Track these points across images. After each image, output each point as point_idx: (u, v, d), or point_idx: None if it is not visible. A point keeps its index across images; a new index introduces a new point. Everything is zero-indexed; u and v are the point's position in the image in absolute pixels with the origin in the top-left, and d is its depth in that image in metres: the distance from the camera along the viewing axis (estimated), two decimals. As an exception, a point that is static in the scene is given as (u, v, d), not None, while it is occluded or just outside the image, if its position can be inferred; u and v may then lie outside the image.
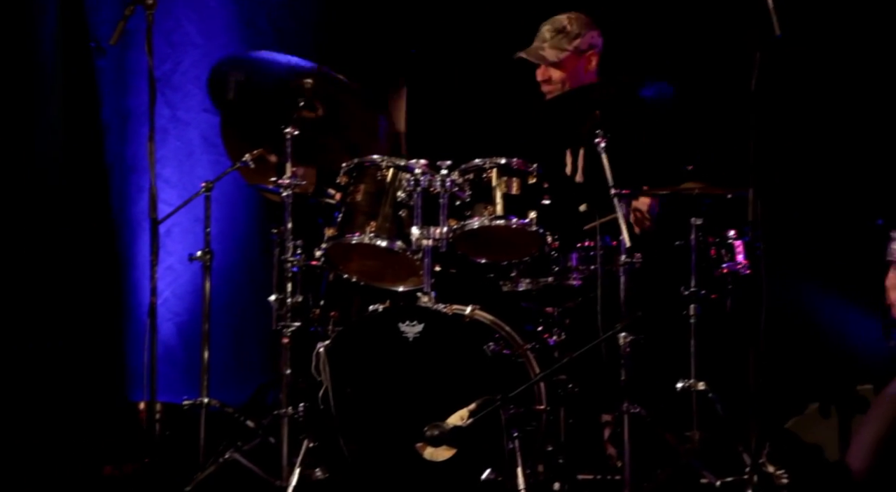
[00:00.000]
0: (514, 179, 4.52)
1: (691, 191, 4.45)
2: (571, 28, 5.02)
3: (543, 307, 4.74)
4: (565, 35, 5.02)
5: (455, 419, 4.17)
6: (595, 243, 4.53)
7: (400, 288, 4.72)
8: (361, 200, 4.60)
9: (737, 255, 4.58)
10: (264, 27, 6.14)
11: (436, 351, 4.36)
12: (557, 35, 5.01)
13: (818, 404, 4.67)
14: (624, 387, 4.36)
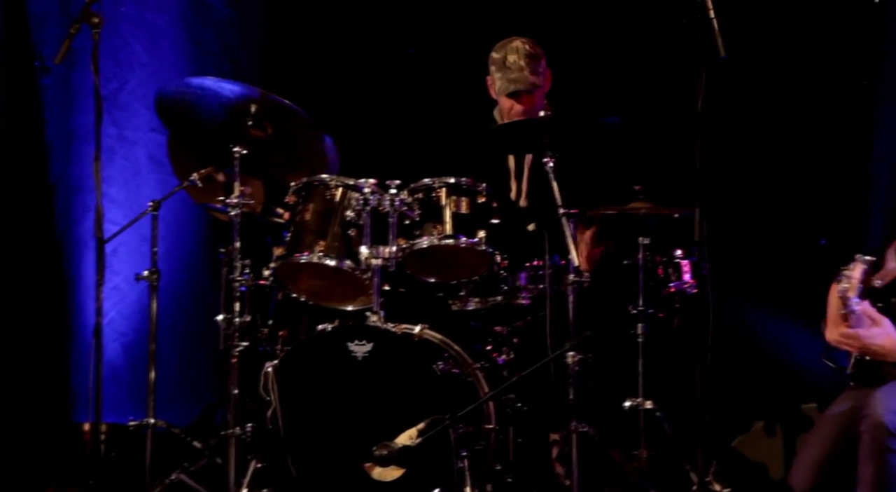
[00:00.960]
0: (464, 199, 4.54)
1: (638, 211, 4.50)
2: (536, 51, 5.05)
3: (492, 326, 4.75)
4: (536, 59, 5.04)
5: (404, 439, 4.17)
6: (544, 263, 4.55)
7: (349, 307, 4.72)
8: (310, 219, 4.59)
9: (683, 274, 4.63)
10: (213, 47, 6.13)
11: (385, 370, 4.36)
12: (532, 61, 5.02)
13: (763, 423, 4.72)
14: (572, 406, 4.38)
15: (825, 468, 3.77)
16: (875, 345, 3.60)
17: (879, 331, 3.57)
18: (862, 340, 3.59)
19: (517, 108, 5.04)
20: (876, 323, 3.56)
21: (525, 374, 4.36)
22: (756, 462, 4.79)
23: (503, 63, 5.02)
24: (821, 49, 5.53)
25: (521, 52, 5.02)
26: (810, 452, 3.86)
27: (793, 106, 5.51)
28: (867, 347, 3.62)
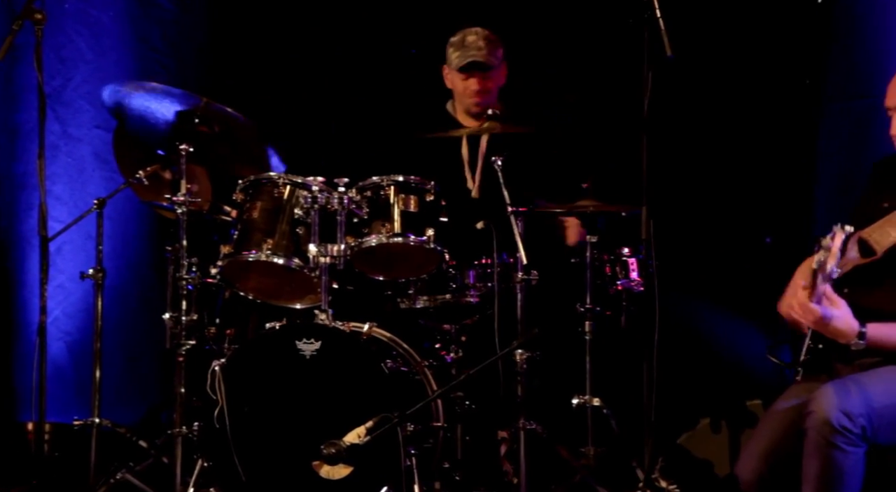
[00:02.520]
0: (412, 197, 4.54)
1: (586, 208, 4.52)
2: (494, 38, 5.08)
3: (441, 324, 4.76)
4: (493, 44, 5.06)
5: (352, 437, 4.17)
6: (492, 261, 4.56)
7: (297, 306, 4.71)
8: (258, 217, 4.57)
9: (631, 272, 4.66)
10: (158, 44, 6.08)
11: (333, 369, 4.35)
12: (490, 44, 5.05)
13: (709, 419, 4.76)
14: (520, 403, 4.39)
15: (772, 460, 3.80)
16: (832, 325, 3.60)
17: (838, 313, 3.59)
18: (821, 317, 3.59)
19: (472, 86, 5.04)
20: (835, 305, 3.59)
21: (473, 372, 4.36)
22: (702, 459, 4.83)
23: (462, 43, 5.05)
24: (766, 49, 5.58)
25: (481, 34, 5.06)
26: (757, 443, 3.88)
27: (739, 105, 5.55)
28: (824, 324, 3.61)
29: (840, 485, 3.62)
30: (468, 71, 5.05)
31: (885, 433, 3.66)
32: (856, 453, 3.62)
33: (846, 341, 3.66)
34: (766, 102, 5.52)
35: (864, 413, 3.61)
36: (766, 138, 5.47)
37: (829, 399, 3.62)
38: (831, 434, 3.59)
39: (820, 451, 3.61)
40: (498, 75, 5.10)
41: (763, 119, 5.51)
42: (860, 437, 3.61)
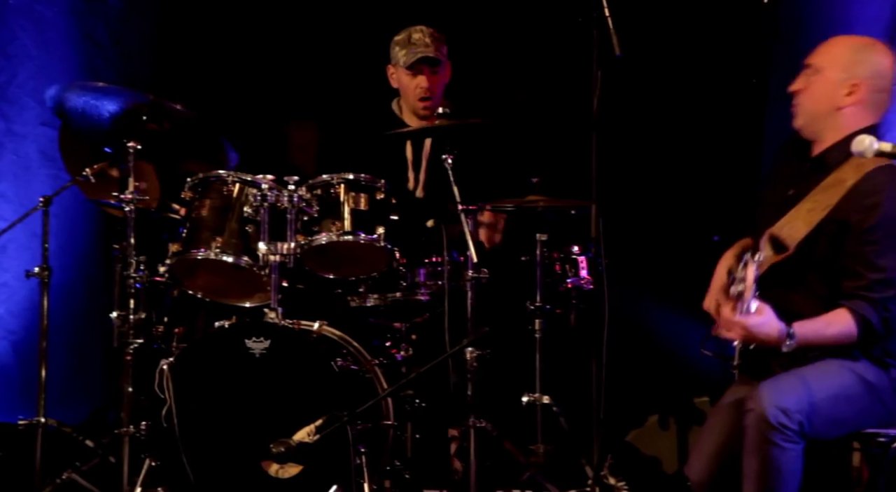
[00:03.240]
0: (362, 195, 4.53)
1: (536, 204, 4.53)
2: (438, 35, 5.08)
3: (391, 323, 4.76)
4: (439, 41, 5.07)
5: (302, 436, 4.16)
6: (442, 259, 4.57)
7: (246, 304, 4.68)
8: (207, 215, 4.55)
9: (580, 270, 4.68)
10: (103, 40, 6.03)
11: (283, 367, 4.33)
12: (436, 41, 5.06)
13: (657, 416, 4.79)
14: (470, 402, 4.40)
15: (721, 460, 3.82)
16: (761, 334, 3.63)
17: (763, 319, 3.60)
18: (749, 329, 3.62)
19: (421, 83, 5.04)
20: (758, 312, 3.60)
21: (423, 370, 4.37)
22: (650, 456, 4.86)
23: (408, 40, 5.05)
24: (713, 48, 5.63)
25: (426, 32, 5.07)
26: (705, 444, 3.90)
27: (687, 104, 5.60)
28: (752, 335, 3.64)
29: (779, 482, 3.65)
30: (417, 68, 5.05)
31: (824, 428, 3.70)
32: (794, 450, 3.64)
33: (777, 345, 3.66)
34: (713, 101, 5.56)
35: (801, 409, 3.64)
36: (714, 137, 5.51)
37: (766, 396, 3.64)
38: (769, 431, 3.61)
39: (758, 448, 3.64)
40: (444, 73, 5.11)
41: (711, 118, 5.56)
42: (798, 433, 3.63)
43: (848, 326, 3.68)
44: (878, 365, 3.79)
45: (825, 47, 3.90)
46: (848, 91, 3.82)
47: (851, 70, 3.82)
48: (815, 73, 3.86)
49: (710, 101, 5.56)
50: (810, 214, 3.77)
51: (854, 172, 3.76)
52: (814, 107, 3.86)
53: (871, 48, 3.87)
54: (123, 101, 4.64)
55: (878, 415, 3.81)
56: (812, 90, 3.85)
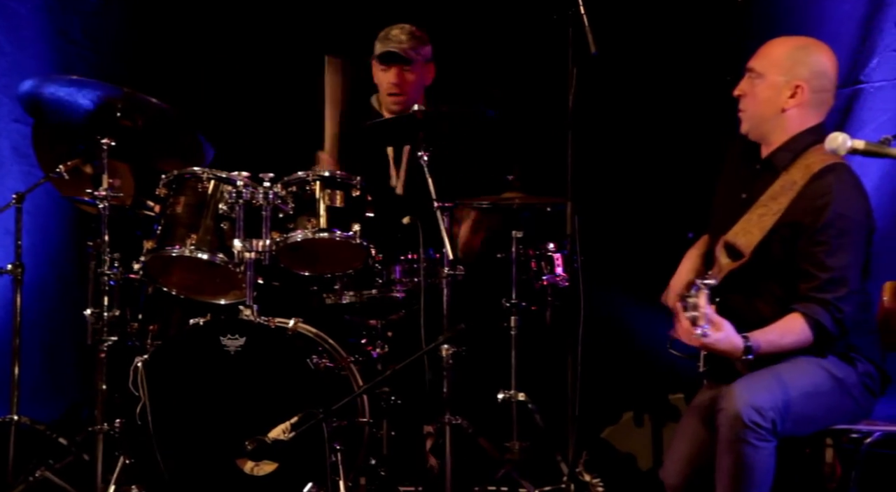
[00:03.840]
0: (338, 192, 4.53)
1: (512, 201, 4.53)
2: (420, 34, 5.08)
3: (367, 320, 4.76)
4: (418, 40, 5.07)
5: (277, 433, 4.16)
6: (418, 256, 4.57)
7: (221, 301, 4.68)
8: (182, 212, 4.54)
9: (556, 267, 4.69)
10: (77, 37, 6.00)
11: (258, 365, 4.33)
12: (412, 39, 5.05)
13: (632, 413, 4.80)
14: (446, 399, 4.40)
15: (695, 462, 3.84)
16: (719, 350, 3.66)
17: (721, 336, 3.61)
18: (707, 346, 3.65)
19: (390, 78, 5.04)
20: (716, 327, 3.61)
21: (399, 367, 4.37)
22: (625, 452, 4.87)
23: (386, 36, 5.06)
24: (687, 46, 5.65)
25: (406, 29, 5.07)
26: (678, 447, 3.92)
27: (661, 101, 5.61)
28: (710, 348, 3.67)
29: (752, 480, 3.67)
30: (386, 62, 5.05)
31: (796, 425, 3.73)
32: (767, 448, 3.67)
33: (737, 357, 3.69)
34: (688, 99, 5.58)
35: (774, 407, 3.66)
36: (689, 134, 5.53)
37: (738, 395, 3.66)
38: (742, 430, 3.64)
39: (731, 447, 3.66)
40: (421, 72, 5.09)
41: (685, 115, 5.57)
42: (770, 431, 3.66)
43: (802, 333, 3.73)
44: (845, 361, 3.82)
45: (765, 50, 3.94)
46: (791, 93, 3.87)
47: (792, 72, 3.87)
48: (758, 78, 3.90)
49: (685, 99, 5.58)
50: (763, 220, 3.81)
51: (803, 174, 3.81)
52: (758, 111, 3.90)
53: (810, 49, 3.91)
54: (97, 95, 4.62)
55: (848, 410, 3.85)
56: (755, 94, 3.90)
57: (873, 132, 5.44)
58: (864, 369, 3.83)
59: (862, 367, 3.83)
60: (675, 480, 3.89)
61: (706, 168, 4.26)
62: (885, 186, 5.44)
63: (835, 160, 3.81)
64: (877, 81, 5.58)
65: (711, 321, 3.57)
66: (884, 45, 5.56)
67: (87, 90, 4.62)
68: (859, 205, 3.80)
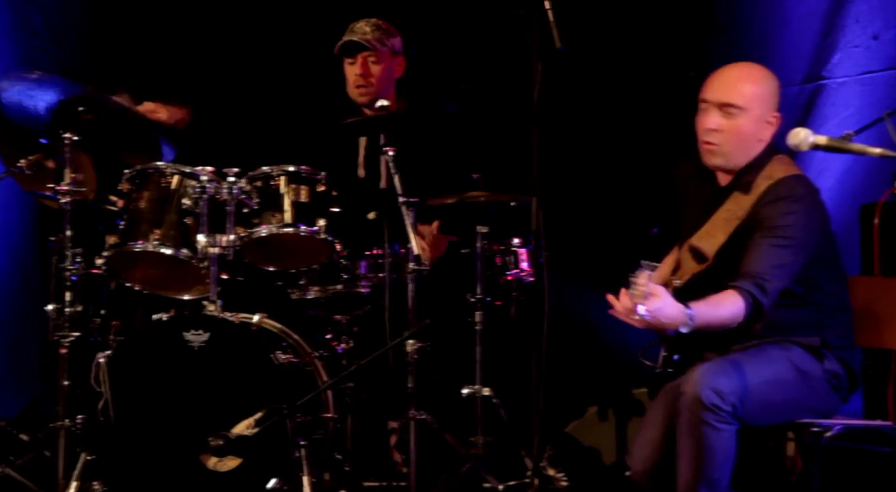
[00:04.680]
0: (303, 187, 4.51)
1: (477, 199, 4.54)
2: (388, 27, 5.06)
3: (332, 315, 4.74)
4: (384, 32, 5.05)
5: (241, 429, 4.15)
6: (384, 251, 4.56)
7: (185, 297, 4.65)
8: (145, 207, 4.51)
9: (521, 262, 4.70)
10: (41, 30, 5.96)
11: (222, 360, 4.32)
12: (378, 31, 5.03)
13: (597, 408, 4.82)
14: (411, 394, 4.40)
15: (662, 449, 3.87)
16: (660, 317, 3.63)
17: (661, 303, 3.62)
18: (646, 314, 3.62)
19: (355, 70, 5.02)
20: (656, 295, 3.62)
21: (364, 362, 4.36)
22: (589, 447, 4.89)
23: (351, 29, 5.04)
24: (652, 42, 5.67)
25: (371, 22, 5.06)
26: (645, 434, 3.95)
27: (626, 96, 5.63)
28: (654, 319, 3.63)
29: (713, 461, 3.70)
30: (349, 53, 5.03)
31: (757, 412, 3.77)
32: (728, 431, 3.71)
33: (676, 327, 3.69)
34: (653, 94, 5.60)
35: (734, 391, 3.70)
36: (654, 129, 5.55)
37: (700, 378, 3.71)
38: (702, 412, 3.67)
39: (693, 429, 3.70)
40: (388, 64, 5.07)
41: (650, 110, 5.59)
42: (731, 414, 3.70)
43: (735, 304, 3.76)
44: (814, 355, 3.86)
45: (741, 86, 3.96)
46: (769, 123, 3.94)
47: (769, 103, 3.96)
48: (739, 112, 3.94)
49: (650, 94, 5.60)
50: (727, 224, 3.88)
51: (766, 181, 3.85)
52: (741, 146, 3.96)
53: (772, 78, 4.02)
54: (59, 91, 4.59)
55: (811, 404, 3.88)
56: (738, 128, 3.94)
57: (835, 128, 5.48)
58: (831, 366, 3.87)
59: (829, 364, 3.87)
60: (642, 465, 3.92)
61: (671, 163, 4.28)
62: (846, 182, 5.48)
63: (795, 171, 3.89)
64: (839, 77, 5.62)
65: (650, 292, 3.58)
66: (845, 42, 5.60)
67: (48, 85, 4.59)
68: (806, 210, 3.84)
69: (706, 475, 3.71)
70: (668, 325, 3.69)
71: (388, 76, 5.07)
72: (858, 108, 5.54)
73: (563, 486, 4.57)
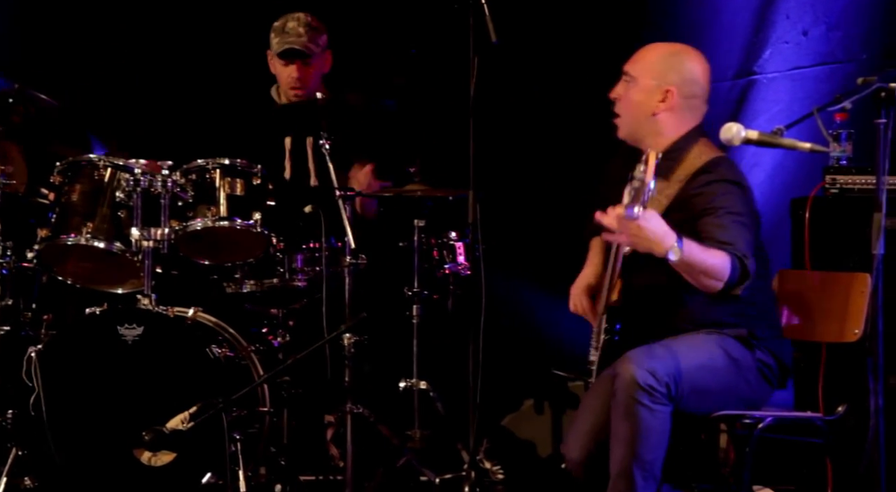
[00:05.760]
0: (238, 180, 4.49)
1: (414, 193, 4.54)
2: (317, 24, 5.03)
3: (268, 309, 4.73)
4: (315, 31, 5.01)
5: (175, 423, 4.12)
6: (320, 245, 4.55)
7: (119, 290, 4.61)
8: (77, 200, 4.47)
9: (458, 256, 4.71)
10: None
11: (156, 354, 4.29)
12: (311, 31, 5.00)
13: (533, 401, 4.84)
14: (347, 388, 4.40)
15: (596, 438, 3.88)
16: (650, 230, 3.56)
17: (656, 220, 3.54)
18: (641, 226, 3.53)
19: (292, 73, 4.99)
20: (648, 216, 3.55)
21: (300, 356, 4.35)
22: (525, 439, 4.91)
23: (283, 28, 5.00)
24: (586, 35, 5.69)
25: (302, 20, 5.00)
26: (580, 423, 3.96)
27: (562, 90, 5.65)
28: (644, 234, 3.57)
29: (647, 442, 3.72)
30: (287, 58, 5.01)
31: (690, 396, 3.79)
32: (662, 412, 3.72)
33: (663, 250, 3.61)
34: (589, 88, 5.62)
35: (669, 373, 3.72)
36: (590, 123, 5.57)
37: (634, 360, 3.73)
38: (637, 392, 3.69)
39: (627, 410, 3.71)
40: (320, 62, 5.05)
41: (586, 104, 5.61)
42: (665, 396, 3.72)
43: (724, 260, 3.72)
44: (744, 345, 3.90)
45: (640, 55, 4.02)
46: (661, 97, 3.96)
47: (663, 77, 3.95)
48: (632, 81, 3.98)
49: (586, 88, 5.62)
50: (657, 204, 3.84)
51: (686, 171, 3.88)
52: (632, 115, 3.99)
53: (682, 55, 4.00)
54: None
55: (743, 393, 3.91)
56: (629, 98, 3.98)
57: (766, 122, 5.54)
58: (761, 356, 3.91)
59: (760, 354, 3.91)
60: (577, 454, 3.92)
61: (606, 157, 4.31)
62: (777, 176, 5.55)
63: (717, 154, 3.91)
64: (769, 72, 5.69)
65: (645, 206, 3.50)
66: (776, 37, 5.67)
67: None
68: (742, 193, 3.86)
69: (640, 456, 3.71)
70: (655, 244, 3.60)
71: (319, 74, 5.05)
72: (789, 103, 5.61)
73: (499, 478, 4.60)
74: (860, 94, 3.30)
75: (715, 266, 3.71)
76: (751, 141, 3.41)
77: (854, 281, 4.00)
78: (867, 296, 3.87)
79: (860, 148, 4.59)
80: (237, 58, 5.59)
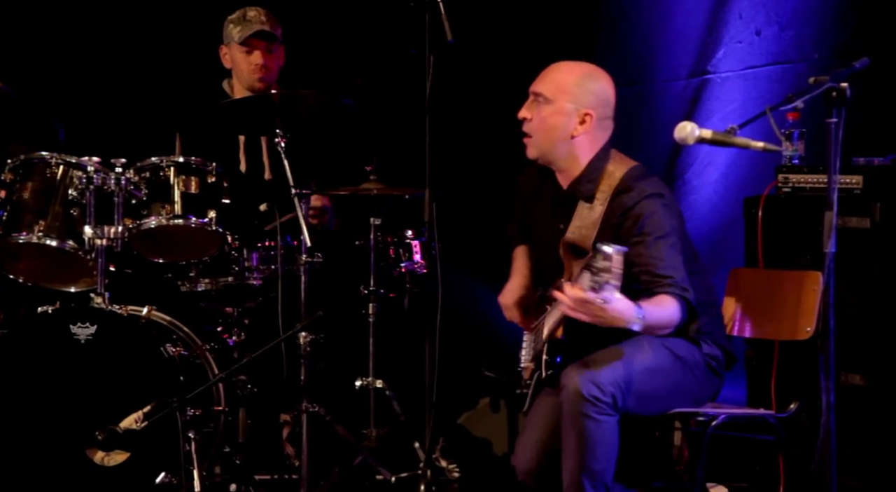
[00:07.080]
0: (193, 178, 4.47)
1: (370, 191, 4.53)
2: (273, 17, 5.01)
3: (223, 307, 4.70)
4: (275, 21, 5.00)
5: (129, 422, 4.10)
6: (276, 243, 4.54)
7: (72, 289, 4.58)
8: (29, 198, 4.43)
9: (414, 254, 4.71)
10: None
11: (110, 353, 4.27)
12: (270, 19, 4.98)
13: (489, 399, 4.85)
14: (303, 386, 4.39)
15: (546, 448, 3.90)
16: (615, 310, 3.53)
17: (618, 295, 3.52)
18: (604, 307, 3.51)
19: (256, 60, 4.96)
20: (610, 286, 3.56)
21: (256, 355, 4.34)
22: (481, 438, 4.91)
23: (242, 18, 4.97)
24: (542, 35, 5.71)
25: (262, 11, 4.98)
26: (529, 433, 3.98)
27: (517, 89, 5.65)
28: (606, 313, 3.55)
29: (595, 453, 3.73)
30: (253, 42, 4.97)
31: (638, 401, 3.80)
32: (609, 422, 3.74)
33: (626, 324, 3.63)
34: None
35: (613, 382, 3.73)
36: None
37: (578, 372, 3.73)
38: (582, 404, 3.70)
39: (574, 422, 3.72)
40: (279, 54, 5.05)
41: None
42: (611, 406, 3.73)
43: (672, 306, 3.75)
44: (691, 341, 3.92)
45: (553, 76, 3.99)
46: (580, 120, 3.94)
47: (582, 100, 3.93)
48: (546, 103, 3.95)
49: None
50: (591, 216, 3.87)
51: (606, 191, 3.88)
52: (547, 137, 3.96)
53: (596, 76, 3.99)
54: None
55: (692, 389, 3.93)
56: (543, 119, 3.95)
57: (720, 122, 5.58)
58: (709, 350, 3.93)
59: (707, 348, 3.93)
60: (527, 465, 3.95)
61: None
62: (730, 175, 5.60)
63: (629, 165, 3.92)
64: (723, 72, 5.73)
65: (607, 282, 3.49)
66: (729, 37, 5.72)
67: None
68: (665, 203, 3.86)
69: (588, 467, 3.73)
70: (618, 321, 3.60)
71: (278, 66, 5.05)
72: (742, 102, 5.65)
73: (454, 477, 4.60)
74: (812, 94, 3.32)
75: (670, 318, 3.75)
76: (705, 140, 3.43)
77: (806, 279, 4.04)
78: (819, 294, 3.90)
79: (812, 147, 4.63)
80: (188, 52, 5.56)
